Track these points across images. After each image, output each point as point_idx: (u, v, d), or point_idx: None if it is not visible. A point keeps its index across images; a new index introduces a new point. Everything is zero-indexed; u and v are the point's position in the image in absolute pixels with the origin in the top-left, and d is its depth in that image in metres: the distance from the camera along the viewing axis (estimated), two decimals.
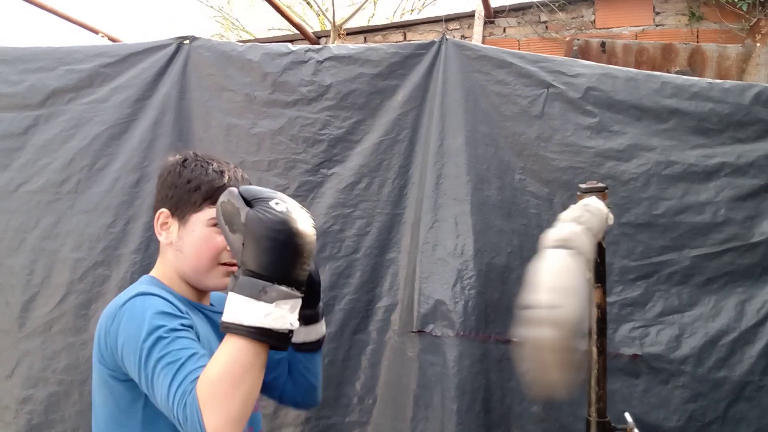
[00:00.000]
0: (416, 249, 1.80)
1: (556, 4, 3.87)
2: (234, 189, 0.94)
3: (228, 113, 1.91)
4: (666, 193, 1.83)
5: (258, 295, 0.86)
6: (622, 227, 1.82)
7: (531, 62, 1.85)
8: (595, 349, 1.19)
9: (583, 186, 1.14)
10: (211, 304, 1.21)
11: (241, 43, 2.00)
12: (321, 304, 1.20)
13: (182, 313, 1.03)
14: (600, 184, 1.15)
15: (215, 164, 1.17)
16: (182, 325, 0.99)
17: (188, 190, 1.14)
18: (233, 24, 9.94)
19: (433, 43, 1.90)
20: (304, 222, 0.90)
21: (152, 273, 1.21)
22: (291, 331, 0.90)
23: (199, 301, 1.19)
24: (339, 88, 1.88)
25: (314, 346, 1.22)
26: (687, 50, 2.42)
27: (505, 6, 4.01)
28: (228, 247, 1.12)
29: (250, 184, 1.18)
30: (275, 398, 1.31)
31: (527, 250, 1.82)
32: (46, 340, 1.82)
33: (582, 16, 3.90)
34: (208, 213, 1.13)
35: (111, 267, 1.84)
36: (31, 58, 1.98)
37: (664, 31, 3.75)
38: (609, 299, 1.83)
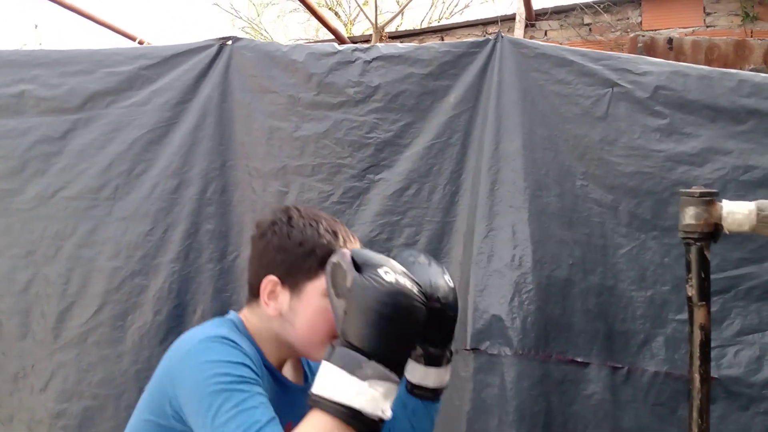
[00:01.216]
0: (469, 260, 1.69)
1: (601, 6, 3.73)
2: (346, 251, 0.89)
3: (271, 116, 1.83)
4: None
5: (352, 370, 0.79)
6: None
7: (594, 60, 1.73)
8: (697, 376, 1.04)
9: (690, 190, 1.01)
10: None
11: (285, 44, 1.92)
12: (452, 348, 1.04)
13: (258, 375, 0.91)
14: (711, 190, 1.02)
15: (324, 223, 1.03)
16: (258, 386, 0.89)
17: (301, 255, 0.99)
18: (262, 35, 10.04)
19: (487, 41, 1.79)
20: (414, 296, 0.84)
21: (242, 317, 1.05)
22: (382, 421, 0.80)
23: (280, 368, 1.06)
24: (387, 89, 1.79)
25: (430, 394, 1.05)
26: (762, 47, 2.25)
27: (547, 8, 3.89)
28: None
29: (360, 245, 1.06)
30: None
31: (590, 261, 1.69)
32: (82, 352, 1.76)
33: (628, 18, 3.76)
34: (324, 281, 0.98)
35: (149, 277, 1.76)
36: (71, 61, 1.93)
37: (716, 32, 3.57)
38: (681, 317, 1.69)
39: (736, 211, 0.97)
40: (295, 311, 1.00)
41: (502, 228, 1.67)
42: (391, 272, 0.84)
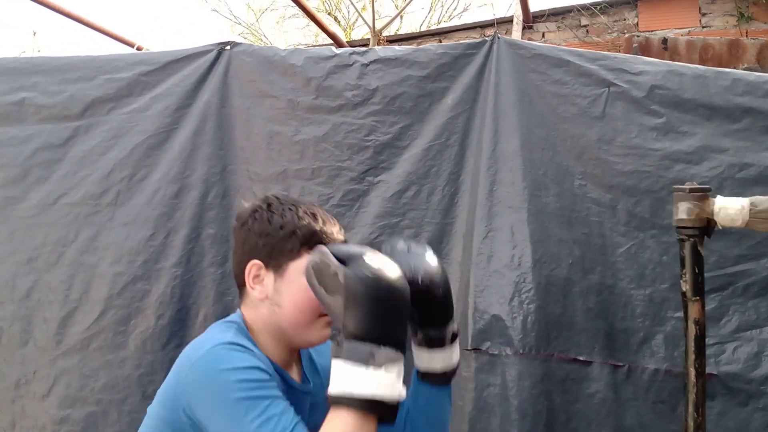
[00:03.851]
0: (469, 260, 1.70)
1: (598, 7, 3.75)
2: (324, 247, 0.89)
3: (270, 120, 1.84)
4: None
5: (366, 361, 0.80)
6: None
7: (590, 60, 1.74)
8: (692, 371, 1.06)
9: (682, 186, 1.02)
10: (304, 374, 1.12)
11: (283, 48, 1.93)
12: (454, 325, 1.03)
13: (270, 376, 0.92)
14: (703, 186, 1.03)
15: (303, 206, 1.07)
16: (275, 387, 0.91)
17: (282, 237, 1.03)
18: (262, 41, 10.06)
19: (484, 42, 1.81)
20: (400, 277, 0.86)
21: (243, 314, 1.07)
22: (399, 403, 0.83)
23: (286, 367, 1.06)
24: (385, 91, 1.80)
25: (440, 379, 1.04)
26: (755, 46, 2.27)
27: (545, 10, 3.90)
28: None
29: (338, 227, 1.10)
30: None
31: (589, 260, 1.70)
32: (84, 358, 1.76)
33: (624, 19, 3.77)
34: (307, 260, 1.00)
35: (151, 281, 1.77)
36: (71, 68, 1.95)
37: (711, 33, 3.59)
38: (679, 314, 1.70)
39: (729, 207, 0.99)
40: (281, 292, 1.02)
41: (501, 228, 1.68)
42: (374, 259, 0.85)
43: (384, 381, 0.80)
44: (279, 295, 1.02)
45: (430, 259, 0.99)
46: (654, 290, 1.68)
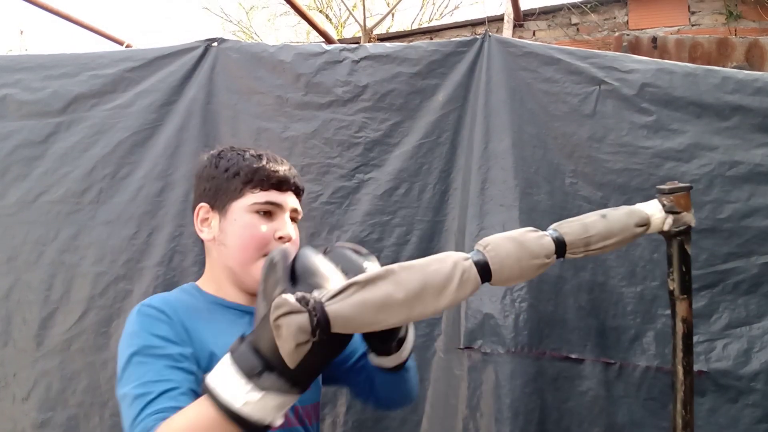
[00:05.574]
0: None
1: (588, 6, 3.76)
2: (288, 252, 0.81)
3: (258, 117, 1.80)
4: (731, 196, 1.69)
5: (251, 376, 0.72)
6: None
7: (581, 58, 1.74)
8: (680, 369, 1.05)
9: (663, 187, 1.01)
10: None
11: (271, 44, 1.90)
12: (401, 334, 0.99)
13: (181, 336, 0.96)
14: (684, 184, 1.02)
15: (252, 150, 1.12)
16: (172, 350, 0.93)
17: (226, 178, 1.07)
18: (253, 39, 10.01)
19: (475, 39, 1.79)
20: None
21: (199, 281, 1.13)
22: (269, 426, 0.76)
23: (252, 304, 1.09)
24: (376, 88, 1.77)
25: (391, 370, 1.06)
26: (744, 44, 2.28)
27: (535, 9, 3.91)
28: (276, 235, 1.05)
29: (287, 167, 1.12)
30: (367, 404, 1.26)
31: (581, 258, 1.68)
32: (65, 360, 1.71)
33: (614, 18, 3.79)
34: (250, 198, 1.06)
35: (133, 281, 1.72)
36: (55, 65, 1.90)
37: (701, 31, 3.61)
38: (669, 311, 1.70)
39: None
40: (225, 231, 1.06)
41: (492, 226, 1.66)
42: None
43: (258, 405, 0.72)
44: (224, 234, 1.06)
45: None
46: (645, 288, 1.68)
